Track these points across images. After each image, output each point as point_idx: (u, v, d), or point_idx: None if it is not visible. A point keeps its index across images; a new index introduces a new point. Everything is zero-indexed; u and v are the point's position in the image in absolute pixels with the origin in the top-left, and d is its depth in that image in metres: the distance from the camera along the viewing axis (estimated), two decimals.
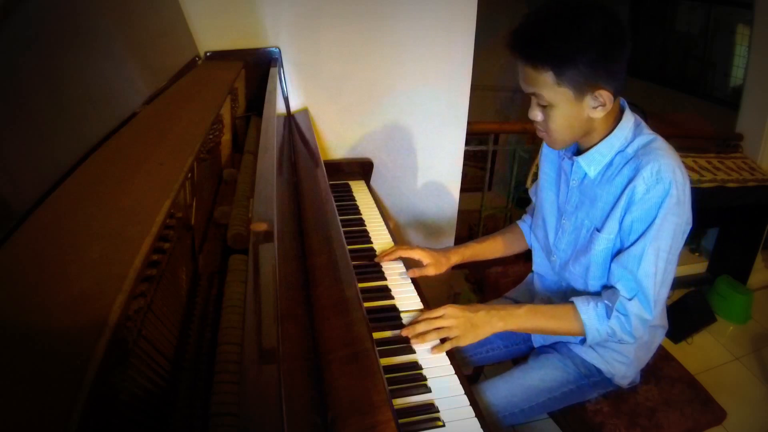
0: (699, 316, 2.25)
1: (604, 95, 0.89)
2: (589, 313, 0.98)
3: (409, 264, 1.20)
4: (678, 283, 2.51)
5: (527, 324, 1.01)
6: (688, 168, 2.31)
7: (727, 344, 2.22)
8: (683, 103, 4.10)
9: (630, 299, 0.95)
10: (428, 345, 0.96)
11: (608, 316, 0.97)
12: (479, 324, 0.98)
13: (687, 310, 2.21)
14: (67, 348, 0.35)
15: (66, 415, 0.31)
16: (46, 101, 0.58)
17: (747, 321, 2.36)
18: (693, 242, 2.78)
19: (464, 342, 0.97)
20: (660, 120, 4.15)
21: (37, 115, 0.56)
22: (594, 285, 1.05)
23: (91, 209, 0.52)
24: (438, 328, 0.96)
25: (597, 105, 0.90)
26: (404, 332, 0.96)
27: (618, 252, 0.98)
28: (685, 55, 4.23)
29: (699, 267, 2.70)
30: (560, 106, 0.91)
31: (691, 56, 4.16)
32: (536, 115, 0.95)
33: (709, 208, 2.24)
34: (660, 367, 1.28)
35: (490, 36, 2.19)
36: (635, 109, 1.01)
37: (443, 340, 0.96)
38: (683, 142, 2.72)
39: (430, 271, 1.18)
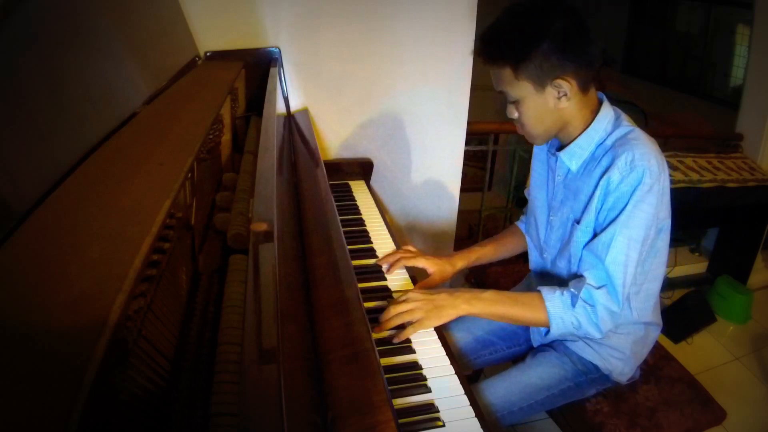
0: (699, 316, 2.24)
1: (564, 85, 0.92)
2: (554, 301, 0.96)
3: (414, 272, 1.19)
4: (678, 283, 2.52)
5: (492, 308, 0.99)
6: (689, 168, 2.31)
7: (727, 344, 2.22)
8: (683, 103, 4.10)
9: (598, 288, 0.94)
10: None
11: (573, 305, 0.95)
12: (443, 305, 0.97)
13: (687, 310, 2.21)
14: (67, 348, 0.35)
15: (66, 415, 0.31)
16: (46, 101, 0.58)
17: (747, 321, 2.36)
18: (693, 242, 2.78)
19: (429, 324, 0.96)
20: (660, 120, 4.15)
21: (37, 115, 0.56)
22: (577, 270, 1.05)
23: (91, 209, 0.52)
24: (401, 314, 0.96)
25: (560, 95, 0.93)
26: (376, 329, 0.95)
27: (593, 238, 0.98)
28: (685, 55, 4.23)
29: (699, 267, 2.70)
30: (526, 100, 0.95)
31: (691, 56, 4.16)
32: (512, 112, 0.99)
33: (709, 208, 2.24)
34: (660, 367, 1.28)
35: None
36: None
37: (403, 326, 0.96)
38: (683, 142, 2.72)
39: (436, 279, 1.18)
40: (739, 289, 2.33)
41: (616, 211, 0.93)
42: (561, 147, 1.04)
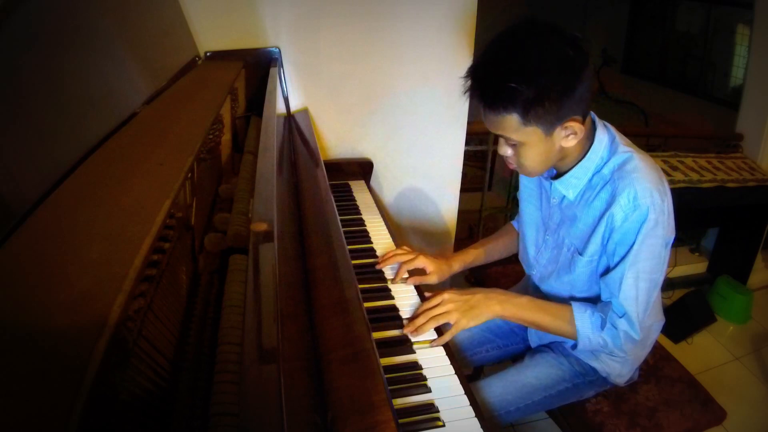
0: (699, 316, 2.24)
1: (575, 126, 0.86)
2: (584, 320, 0.98)
3: (412, 270, 1.19)
4: (678, 283, 2.51)
5: (525, 314, 1.01)
6: (689, 168, 2.31)
7: (727, 344, 2.22)
8: (683, 103, 4.09)
9: (620, 317, 0.96)
10: (430, 336, 0.98)
11: (602, 328, 0.97)
12: (477, 306, 0.99)
13: (687, 310, 2.21)
14: (67, 348, 0.36)
15: (66, 415, 0.31)
16: (46, 101, 0.58)
17: (747, 321, 2.36)
18: (693, 242, 2.78)
19: (465, 325, 0.97)
20: (660, 120, 4.15)
21: (37, 115, 0.56)
22: (581, 295, 1.06)
23: (91, 209, 0.52)
24: (436, 316, 0.97)
25: (568, 134, 0.88)
26: (406, 330, 0.98)
27: (606, 270, 0.98)
28: (685, 55, 4.23)
29: (699, 267, 2.70)
30: (530, 143, 0.89)
31: (691, 56, 4.16)
32: (506, 151, 0.94)
33: (709, 208, 2.24)
34: (660, 367, 1.28)
35: (490, 36, 2.20)
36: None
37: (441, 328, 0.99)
38: (683, 142, 2.72)
39: (433, 279, 1.17)
40: (739, 289, 2.33)
41: (624, 246, 0.91)
42: (555, 175, 1.01)
